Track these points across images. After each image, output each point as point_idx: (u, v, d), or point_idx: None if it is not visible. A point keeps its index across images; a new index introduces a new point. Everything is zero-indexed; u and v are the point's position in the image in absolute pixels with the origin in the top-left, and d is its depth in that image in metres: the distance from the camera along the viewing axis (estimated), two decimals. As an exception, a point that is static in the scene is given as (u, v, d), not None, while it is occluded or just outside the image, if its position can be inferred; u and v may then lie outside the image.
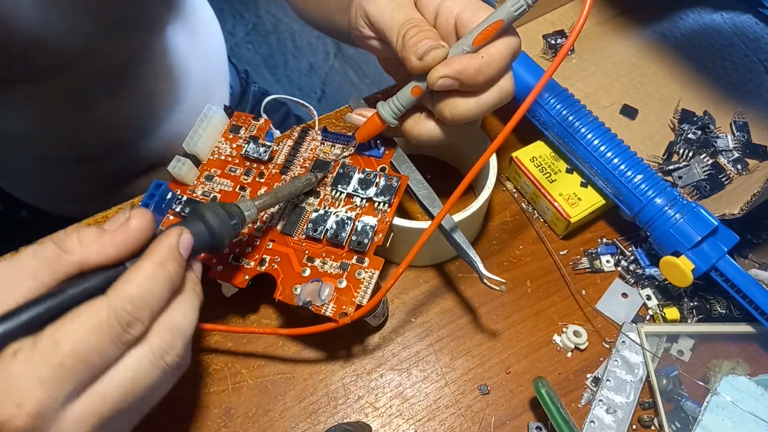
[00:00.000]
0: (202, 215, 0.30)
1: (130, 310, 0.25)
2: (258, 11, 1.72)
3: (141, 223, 0.27)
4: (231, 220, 0.31)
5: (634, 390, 0.39)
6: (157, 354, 0.26)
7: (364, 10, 0.35)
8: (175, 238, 0.28)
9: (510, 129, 0.32)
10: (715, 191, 0.46)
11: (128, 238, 0.27)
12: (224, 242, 0.31)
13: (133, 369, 0.26)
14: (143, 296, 0.26)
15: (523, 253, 0.47)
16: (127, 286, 0.26)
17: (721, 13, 0.58)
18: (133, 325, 0.25)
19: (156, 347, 0.26)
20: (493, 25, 0.32)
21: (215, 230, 0.30)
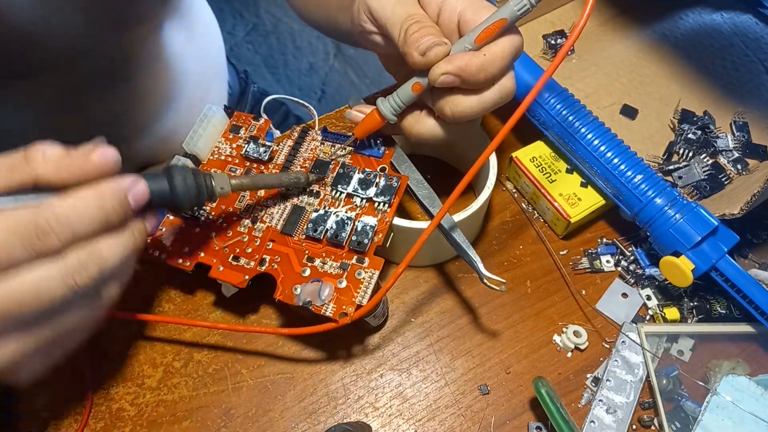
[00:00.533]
0: (171, 177, 0.31)
1: (49, 219, 0.26)
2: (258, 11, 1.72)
3: (103, 157, 0.28)
4: (198, 190, 0.32)
5: (634, 390, 0.39)
6: (69, 269, 0.27)
7: (366, 5, 0.35)
8: (127, 182, 0.29)
9: (509, 128, 0.32)
10: (715, 191, 0.46)
11: (86, 167, 0.28)
12: (184, 207, 0.32)
13: (39, 277, 0.26)
14: (68, 214, 0.27)
15: (523, 253, 0.47)
16: (59, 200, 0.27)
17: (721, 13, 0.58)
18: (49, 236, 0.26)
19: (69, 263, 0.27)
20: (496, 24, 0.32)
21: (177, 194, 0.31)
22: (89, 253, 0.27)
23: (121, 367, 0.41)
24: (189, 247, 0.39)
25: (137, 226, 0.30)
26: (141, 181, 0.30)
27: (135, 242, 0.30)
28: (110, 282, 0.30)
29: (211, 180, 0.33)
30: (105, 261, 0.28)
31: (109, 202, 0.28)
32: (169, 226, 0.41)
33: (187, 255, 0.39)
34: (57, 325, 0.28)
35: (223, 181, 0.34)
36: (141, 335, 0.42)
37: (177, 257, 0.39)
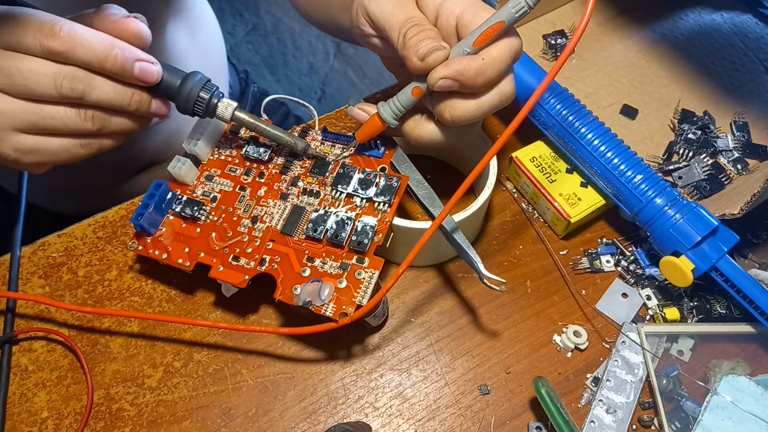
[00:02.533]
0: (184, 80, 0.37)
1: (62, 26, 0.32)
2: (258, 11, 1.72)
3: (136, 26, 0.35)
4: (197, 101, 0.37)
5: (634, 390, 0.39)
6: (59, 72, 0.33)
7: (365, 8, 0.35)
8: (142, 55, 0.35)
9: (510, 132, 0.32)
10: (715, 191, 0.46)
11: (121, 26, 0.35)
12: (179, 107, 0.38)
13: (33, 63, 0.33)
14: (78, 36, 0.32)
15: (523, 253, 0.47)
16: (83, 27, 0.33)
17: (721, 13, 0.58)
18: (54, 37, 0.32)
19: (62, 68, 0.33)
20: (494, 26, 0.32)
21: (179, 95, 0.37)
22: (83, 74, 0.33)
23: (121, 367, 0.41)
24: (189, 247, 0.39)
25: (141, 93, 0.36)
26: (157, 65, 0.36)
27: (130, 101, 0.35)
28: (98, 111, 0.35)
29: (216, 102, 0.38)
30: (94, 87, 0.34)
31: (115, 52, 0.33)
32: (169, 226, 0.41)
33: (187, 255, 0.39)
34: (44, 117, 0.34)
35: (228, 109, 0.38)
36: (141, 335, 0.42)
37: (177, 257, 0.39)
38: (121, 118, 0.37)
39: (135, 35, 0.35)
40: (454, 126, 0.35)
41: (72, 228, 0.47)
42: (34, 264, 0.45)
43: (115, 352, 0.42)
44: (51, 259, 0.45)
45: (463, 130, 0.37)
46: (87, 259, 0.45)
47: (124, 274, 0.45)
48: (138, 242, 0.40)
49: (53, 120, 0.34)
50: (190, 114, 0.38)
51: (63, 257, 0.45)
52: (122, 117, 0.37)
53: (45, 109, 0.34)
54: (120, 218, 0.47)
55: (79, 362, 0.41)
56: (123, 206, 0.48)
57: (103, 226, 0.47)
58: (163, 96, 0.37)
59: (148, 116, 0.38)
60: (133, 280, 0.44)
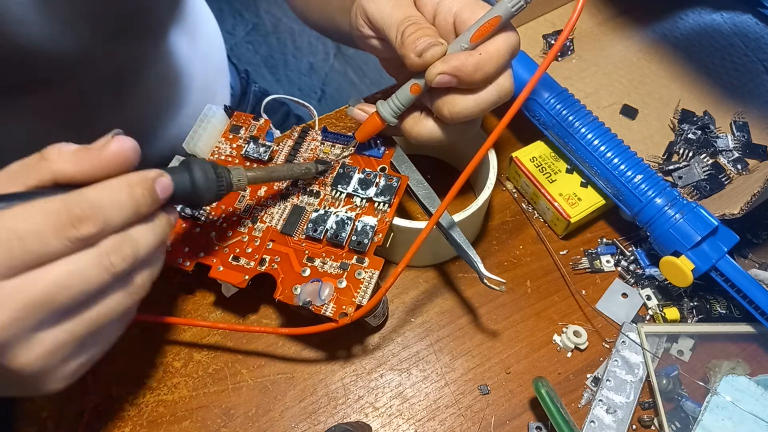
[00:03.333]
0: (190, 169, 0.31)
1: (83, 206, 0.25)
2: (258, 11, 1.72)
3: (121, 147, 0.28)
4: (218, 182, 0.32)
5: (634, 390, 0.39)
6: (102, 252, 0.26)
7: (363, 9, 0.35)
8: (153, 174, 0.29)
9: (506, 123, 0.32)
10: (715, 191, 0.46)
11: (104, 158, 0.27)
12: (204, 201, 0.32)
13: (74, 263, 0.25)
14: (102, 201, 0.26)
15: (523, 253, 0.47)
16: (90, 188, 0.26)
17: (721, 13, 0.58)
18: (84, 222, 0.25)
19: (103, 247, 0.26)
20: (491, 22, 0.32)
21: (198, 187, 0.31)
22: (123, 237, 0.27)
23: (121, 367, 0.41)
24: (189, 247, 0.39)
25: (164, 216, 0.30)
26: (165, 174, 0.30)
27: (164, 231, 0.30)
28: (143, 270, 0.29)
29: (228, 173, 0.33)
30: (138, 244, 0.28)
31: (138, 190, 0.28)
32: (169, 226, 0.40)
33: (187, 255, 0.39)
34: (92, 314, 0.27)
35: (240, 173, 0.34)
36: (141, 335, 0.42)
37: (177, 257, 0.39)
38: (159, 260, 0.31)
39: (125, 156, 0.28)
40: (453, 123, 0.35)
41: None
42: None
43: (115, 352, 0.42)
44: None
45: (462, 127, 0.37)
46: (87, 259, 0.45)
47: (124, 274, 0.45)
48: (138, 242, 0.40)
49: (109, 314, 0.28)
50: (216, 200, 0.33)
51: (63, 257, 0.45)
52: (159, 257, 0.31)
53: (100, 311, 0.27)
54: (120, 218, 0.47)
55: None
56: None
57: (103, 226, 0.47)
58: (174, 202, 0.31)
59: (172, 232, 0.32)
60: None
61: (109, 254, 0.26)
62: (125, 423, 0.39)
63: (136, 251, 0.28)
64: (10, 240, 0.24)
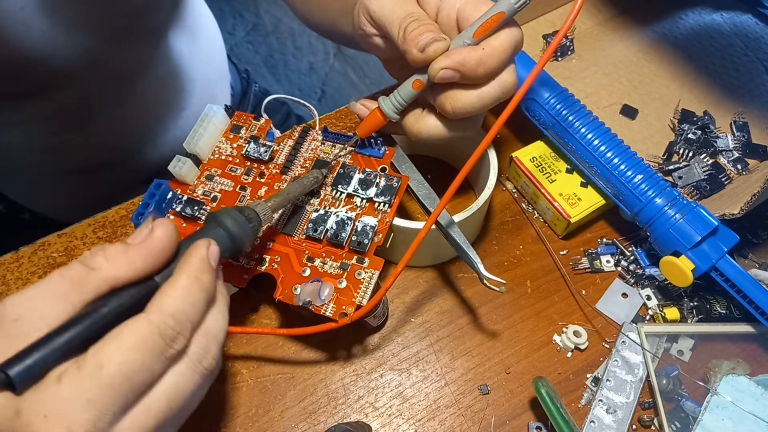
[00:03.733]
0: (222, 222, 0.30)
1: (172, 325, 0.25)
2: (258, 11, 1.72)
3: (165, 232, 0.27)
4: (249, 223, 0.32)
5: (634, 390, 0.39)
6: (195, 360, 0.27)
7: (366, 8, 0.35)
8: (205, 251, 0.28)
9: (503, 120, 0.32)
10: (715, 191, 0.46)
11: (154, 249, 0.27)
12: (245, 246, 0.32)
13: (175, 379, 0.26)
14: (184, 310, 0.26)
15: (523, 253, 0.47)
16: (167, 300, 0.26)
17: (721, 13, 0.58)
18: (177, 339, 0.25)
19: (194, 354, 0.27)
20: (494, 17, 0.32)
21: (235, 236, 0.31)
22: (206, 336, 0.27)
23: (121, 366, 0.41)
24: (189, 247, 0.39)
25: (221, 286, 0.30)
26: (212, 243, 0.29)
27: (226, 301, 0.30)
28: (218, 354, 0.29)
29: (254, 212, 0.32)
30: (218, 336, 0.28)
31: (206, 278, 0.27)
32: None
33: (187, 255, 0.39)
34: (189, 412, 0.28)
35: (264, 208, 0.33)
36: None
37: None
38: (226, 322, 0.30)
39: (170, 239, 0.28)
40: (455, 118, 0.35)
41: (72, 228, 0.47)
42: (34, 264, 0.45)
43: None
44: (51, 259, 0.45)
45: (463, 124, 0.37)
46: (87, 259, 0.45)
47: (124, 273, 0.45)
48: (138, 242, 0.40)
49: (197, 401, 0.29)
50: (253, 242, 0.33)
51: (63, 257, 0.45)
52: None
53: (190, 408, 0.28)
54: (120, 218, 0.47)
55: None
56: (123, 206, 0.48)
57: (103, 226, 0.47)
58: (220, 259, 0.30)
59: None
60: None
61: (202, 360, 0.27)
62: (125, 423, 0.39)
63: (219, 343, 0.28)
64: (122, 384, 0.24)
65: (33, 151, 0.56)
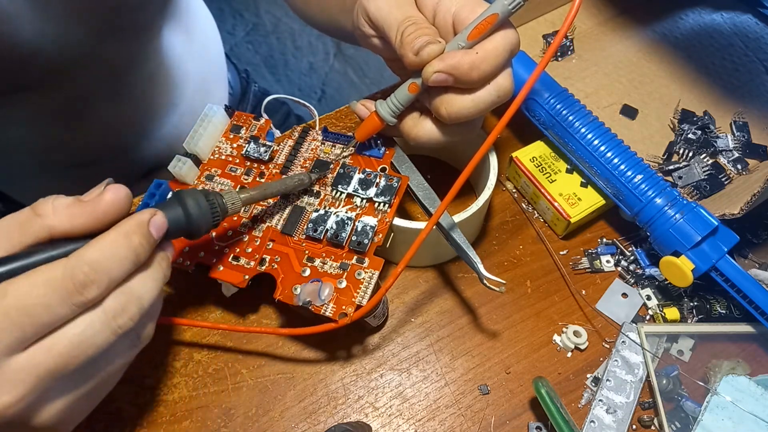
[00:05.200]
0: (183, 201, 0.31)
1: (86, 271, 0.25)
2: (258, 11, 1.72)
3: (115, 196, 0.28)
4: (212, 210, 0.32)
5: (634, 390, 0.39)
6: (109, 315, 0.27)
7: (365, 9, 0.35)
8: (147, 216, 0.28)
9: (504, 123, 0.32)
10: (715, 191, 0.46)
11: (100, 209, 0.28)
12: (201, 231, 0.32)
13: (83, 328, 0.26)
14: (102, 261, 0.26)
15: (523, 253, 0.47)
16: (89, 249, 0.26)
17: (721, 13, 0.58)
18: (88, 288, 0.26)
19: (109, 308, 0.27)
20: (488, 20, 0.31)
21: (193, 218, 0.31)
22: (127, 295, 0.27)
23: (121, 367, 0.41)
24: (189, 247, 0.39)
25: (161, 256, 0.30)
26: (158, 212, 0.29)
27: (164, 274, 0.30)
28: (148, 322, 0.30)
29: (221, 198, 0.33)
30: (142, 299, 0.28)
31: (136, 238, 0.27)
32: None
33: (187, 255, 0.39)
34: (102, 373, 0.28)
35: (233, 197, 0.34)
36: (141, 335, 0.42)
37: (177, 257, 0.39)
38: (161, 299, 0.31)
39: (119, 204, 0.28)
40: (451, 123, 0.35)
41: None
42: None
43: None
44: (51, 259, 0.45)
45: (461, 129, 0.37)
46: (87, 259, 0.45)
47: (124, 273, 0.45)
48: (138, 242, 0.40)
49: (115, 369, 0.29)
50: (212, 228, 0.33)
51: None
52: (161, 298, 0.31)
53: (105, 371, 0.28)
54: (120, 218, 0.47)
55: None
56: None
57: (103, 225, 0.47)
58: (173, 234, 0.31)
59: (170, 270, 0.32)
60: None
61: (116, 317, 0.27)
62: (125, 423, 0.39)
63: (141, 306, 0.28)
64: (21, 317, 0.24)
65: (28, 146, 0.56)
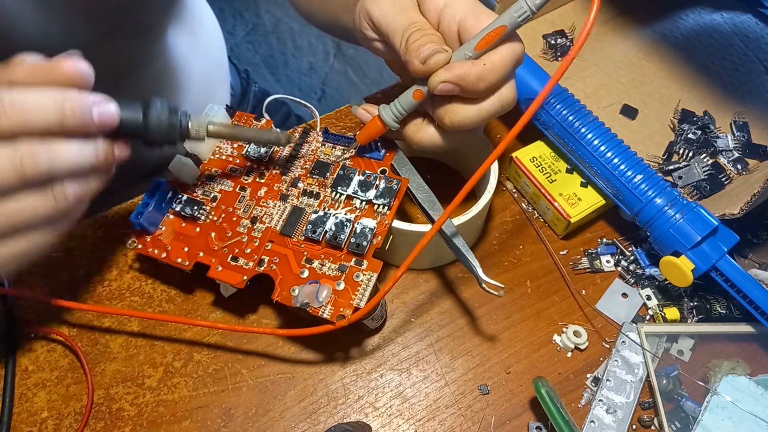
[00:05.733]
0: (147, 105, 0.32)
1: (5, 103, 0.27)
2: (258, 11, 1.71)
3: (75, 66, 0.30)
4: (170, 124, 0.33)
5: (634, 390, 0.39)
6: (17, 152, 0.28)
7: (367, 12, 0.35)
8: (94, 98, 0.30)
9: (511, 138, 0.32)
10: (715, 191, 0.46)
11: (59, 73, 0.29)
12: (154, 139, 0.33)
13: None
14: (25, 102, 0.27)
15: (523, 253, 0.47)
16: (17, 90, 0.28)
17: (721, 13, 0.58)
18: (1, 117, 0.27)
19: (19, 148, 0.28)
20: (496, 31, 0.31)
21: (150, 125, 0.32)
22: (42, 145, 0.28)
23: (121, 367, 0.41)
24: (188, 247, 0.39)
25: (103, 143, 0.31)
26: (111, 103, 0.30)
27: (97, 156, 0.30)
28: (68, 183, 0.30)
29: (187, 120, 0.34)
30: (57, 157, 0.29)
31: (69, 105, 0.28)
32: (169, 225, 0.41)
33: (186, 254, 0.39)
34: (7, 209, 0.29)
35: (201, 123, 0.34)
36: (141, 335, 0.42)
37: (176, 256, 0.39)
38: (90, 181, 0.31)
39: (78, 77, 0.30)
40: (453, 131, 0.35)
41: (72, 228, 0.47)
42: (34, 264, 0.45)
43: (115, 352, 0.42)
44: (51, 259, 0.45)
45: (463, 135, 0.36)
46: (87, 259, 0.45)
47: (124, 274, 0.45)
48: (138, 241, 0.40)
49: (22, 214, 0.29)
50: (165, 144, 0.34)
51: (63, 257, 0.45)
52: (90, 178, 0.31)
53: (9, 207, 0.29)
54: (120, 218, 0.47)
55: (79, 362, 0.41)
56: (123, 206, 0.48)
57: (103, 226, 0.47)
58: (123, 135, 0.32)
59: (112, 166, 0.32)
60: (133, 280, 0.45)
61: (22, 156, 0.28)
62: (125, 423, 0.39)
63: (52, 161, 0.28)
64: None
65: None
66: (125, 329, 0.43)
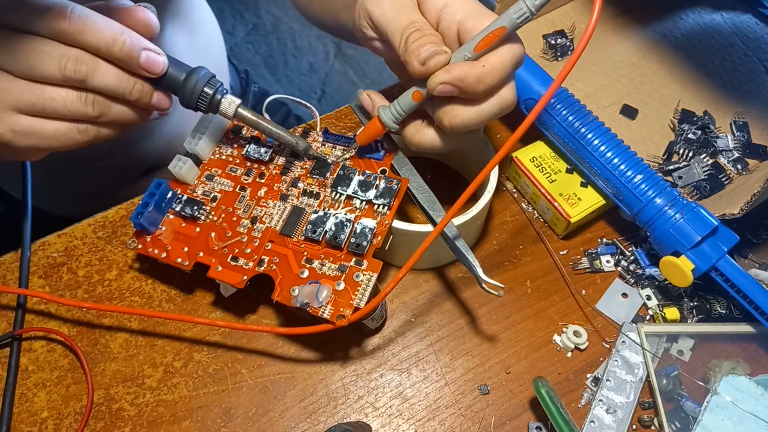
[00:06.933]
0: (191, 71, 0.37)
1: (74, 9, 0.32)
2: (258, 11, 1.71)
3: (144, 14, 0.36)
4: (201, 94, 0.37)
5: (634, 390, 0.39)
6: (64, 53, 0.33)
7: (367, 11, 0.35)
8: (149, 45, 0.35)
9: (514, 140, 0.32)
10: (715, 191, 0.46)
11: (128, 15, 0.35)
12: (184, 101, 0.37)
13: (40, 44, 0.32)
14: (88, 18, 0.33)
15: (523, 253, 0.47)
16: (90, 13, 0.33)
17: (721, 13, 0.58)
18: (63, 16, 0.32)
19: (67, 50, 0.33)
20: (496, 32, 0.31)
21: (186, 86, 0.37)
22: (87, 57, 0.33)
23: (121, 367, 0.41)
24: (188, 247, 0.39)
25: (143, 84, 0.36)
26: (163, 56, 0.36)
27: (134, 89, 0.36)
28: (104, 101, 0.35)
29: (220, 98, 0.38)
30: (96, 71, 0.34)
31: (123, 38, 0.34)
32: (169, 225, 0.41)
33: (186, 254, 0.39)
34: (44, 99, 0.34)
35: (231, 102, 0.38)
36: (141, 335, 0.42)
37: (176, 256, 0.39)
38: (121, 107, 0.36)
39: (143, 24, 0.35)
40: (452, 133, 0.35)
41: (72, 228, 0.47)
42: (34, 264, 0.45)
43: (115, 352, 0.42)
44: (51, 259, 0.45)
45: (463, 136, 0.36)
46: (87, 259, 0.45)
47: (124, 274, 0.45)
48: (138, 241, 0.40)
49: (54, 102, 0.34)
50: (194, 109, 0.38)
51: (63, 257, 0.45)
52: (123, 105, 0.36)
53: (46, 90, 0.34)
54: (120, 218, 0.47)
55: (79, 362, 0.41)
56: (123, 206, 0.48)
57: (103, 225, 0.47)
58: (167, 89, 0.37)
59: (149, 108, 0.37)
60: (133, 280, 0.45)
61: (69, 57, 0.33)
62: (125, 423, 0.39)
63: (88, 74, 0.33)
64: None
65: None
66: (125, 329, 0.43)
